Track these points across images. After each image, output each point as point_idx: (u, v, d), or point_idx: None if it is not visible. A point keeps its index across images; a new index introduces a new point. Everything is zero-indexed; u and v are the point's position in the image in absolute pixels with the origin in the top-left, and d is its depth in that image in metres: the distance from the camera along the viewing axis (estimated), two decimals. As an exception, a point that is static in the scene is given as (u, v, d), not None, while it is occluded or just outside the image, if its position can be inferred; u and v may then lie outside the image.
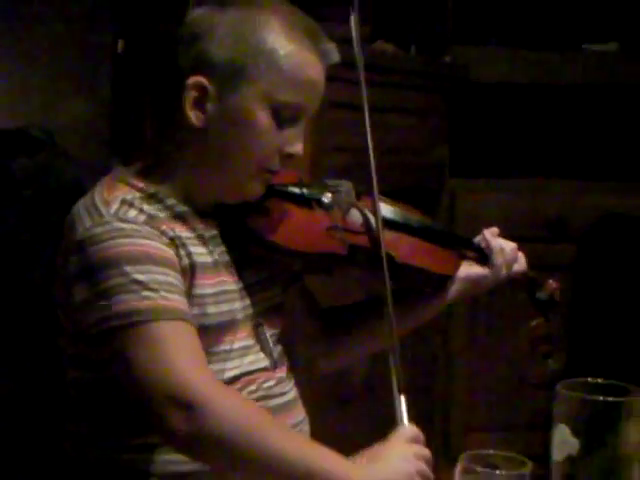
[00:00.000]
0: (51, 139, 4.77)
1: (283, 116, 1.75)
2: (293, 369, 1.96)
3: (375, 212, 1.97)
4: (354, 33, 2.01)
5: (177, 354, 1.60)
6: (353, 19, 2.01)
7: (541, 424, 1.46)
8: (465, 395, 4.06)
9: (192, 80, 1.73)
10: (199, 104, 1.74)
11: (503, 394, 4.05)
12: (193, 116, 1.75)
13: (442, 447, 3.82)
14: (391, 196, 2.09)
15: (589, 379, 1.45)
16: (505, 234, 2.13)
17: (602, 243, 4.06)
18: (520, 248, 2.15)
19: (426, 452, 1.71)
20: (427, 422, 3.86)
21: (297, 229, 1.89)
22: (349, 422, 3.34)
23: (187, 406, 1.55)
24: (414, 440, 1.73)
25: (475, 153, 4.15)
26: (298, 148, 1.79)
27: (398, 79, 3.62)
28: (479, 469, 1.50)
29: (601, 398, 1.40)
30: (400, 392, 1.80)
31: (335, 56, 1.82)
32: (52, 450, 1.85)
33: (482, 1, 4.21)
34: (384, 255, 1.92)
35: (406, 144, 3.62)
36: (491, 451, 1.55)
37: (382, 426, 1.79)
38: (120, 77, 3.78)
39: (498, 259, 2.09)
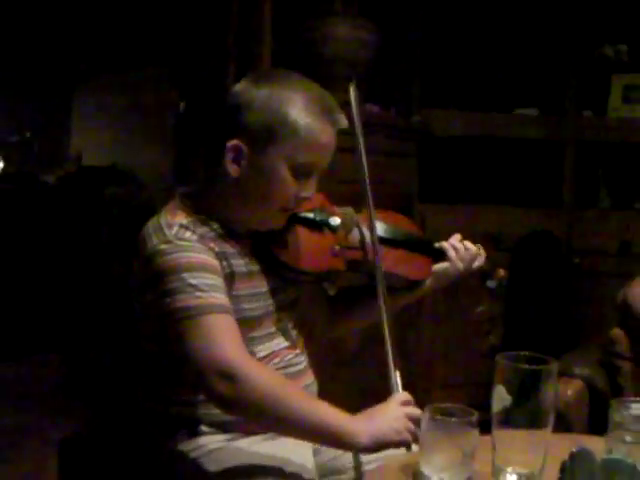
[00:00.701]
0: (132, 173, 4.81)
1: (300, 172, 1.73)
2: (305, 345, 1.94)
3: (371, 231, 1.95)
4: (353, 99, 2.02)
5: (223, 339, 1.60)
6: (352, 89, 2.02)
7: (485, 384, 1.45)
8: (428, 361, 4.04)
9: (231, 142, 1.72)
10: (236, 160, 1.72)
11: (458, 361, 4.03)
12: (231, 169, 1.73)
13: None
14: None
15: (520, 352, 1.44)
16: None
17: (528, 251, 4.05)
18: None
19: (416, 412, 1.69)
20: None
21: (308, 252, 1.86)
22: (343, 382, 3.32)
23: (230, 378, 1.56)
24: (406, 403, 1.72)
25: (439, 186, 4.14)
26: (310, 194, 1.77)
27: (382, 131, 3.62)
28: (438, 417, 1.49)
29: (527, 366, 1.40)
30: (395, 369, 1.82)
31: (344, 122, 1.78)
32: (132, 403, 1.85)
33: (443, 77, 4.21)
34: (380, 267, 1.92)
35: (387, 178, 3.62)
36: (448, 404, 1.55)
37: (369, 385, 1.78)
38: (181, 129, 3.78)
39: (452, 254, 2.07)
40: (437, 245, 2.10)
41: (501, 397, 1.41)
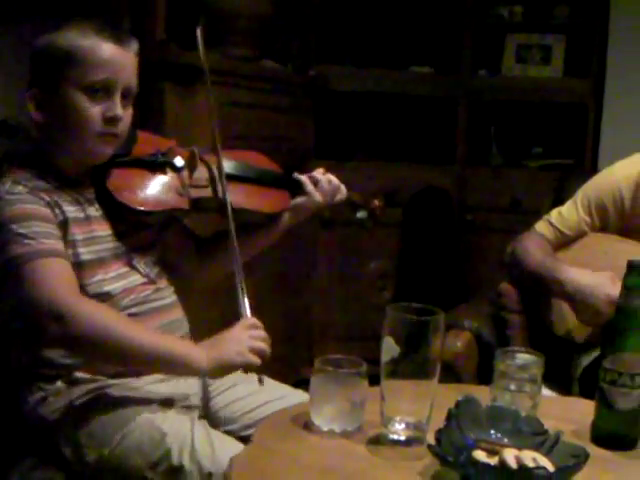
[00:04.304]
0: (23, 127, 4.67)
1: (94, 91, 1.75)
2: (174, 281, 1.98)
3: (218, 168, 1.98)
4: (199, 40, 2.04)
5: (51, 282, 1.62)
6: (199, 31, 2.04)
7: (378, 336, 1.47)
8: (324, 314, 4.08)
9: (28, 93, 1.77)
10: (39, 107, 1.78)
11: (352, 314, 4.08)
12: (37, 117, 1.78)
13: (306, 354, 3.84)
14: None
15: (408, 304, 1.47)
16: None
17: (421, 207, 4.11)
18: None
19: (261, 333, 1.74)
20: (295, 335, 3.89)
21: (149, 193, 1.88)
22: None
23: (60, 317, 1.58)
24: (252, 327, 1.75)
25: (334, 142, 4.16)
26: (116, 112, 1.78)
27: (278, 87, 3.61)
28: (328, 368, 1.52)
29: (415, 317, 1.43)
30: (244, 295, 1.82)
31: (127, 38, 1.81)
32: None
33: (338, 32, 4.22)
34: (229, 203, 1.94)
35: (282, 134, 3.62)
36: (339, 356, 1.57)
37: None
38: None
39: (309, 188, 2.09)
40: (295, 177, 2.11)
41: (390, 348, 1.43)
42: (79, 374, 1.75)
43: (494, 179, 4.14)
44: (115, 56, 1.77)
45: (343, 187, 2.14)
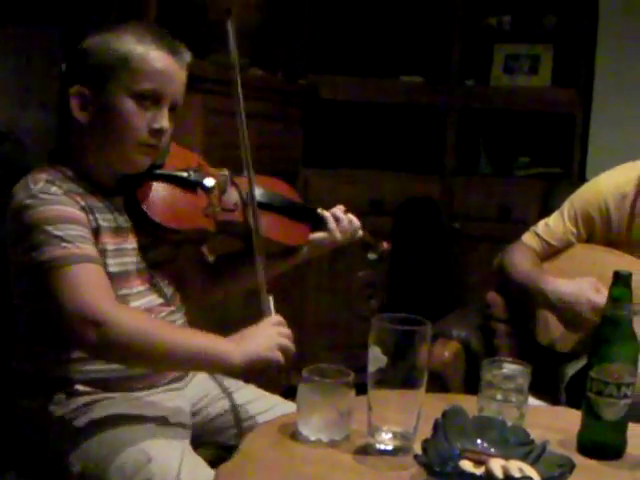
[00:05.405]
0: (13, 134, 4.65)
1: (144, 100, 1.73)
2: (184, 302, 1.96)
3: (247, 194, 1.95)
4: (230, 31, 1.98)
5: (89, 288, 1.61)
6: (229, 22, 1.99)
7: (365, 345, 1.47)
8: (314, 324, 4.07)
9: (73, 89, 1.73)
10: (82, 106, 1.73)
11: (340, 322, 4.08)
12: (80, 116, 1.74)
13: (296, 364, 3.82)
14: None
15: (395, 314, 1.47)
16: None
17: (409, 217, 4.11)
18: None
19: (287, 331, 1.76)
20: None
21: (177, 210, 1.85)
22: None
23: (96, 324, 1.57)
24: (278, 324, 1.76)
25: (323, 150, 4.17)
26: (162, 124, 1.76)
27: (268, 95, 3.61)
28: (315, 378, 1.52)
29: (402, 327, 1.43)
30: (268, 293, 1.84)
31: (182, 51, 1.80)
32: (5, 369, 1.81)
33: (329, 42, 4.22)
34: (255, 229, 1.91)
35: (271, 142, 3.62)
36: (326, 365, 1.57)
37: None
38: (64, 90, 3.71)
39: (332, 225, 2.07)
40: (319, 212, 2.09)
41: (376, 358, 1.43)
42: (79, 387, 1.73)
43: (482, 188, 4.14)
44: (168, 67, 1.75)
45: (359, 226, 2.12)
